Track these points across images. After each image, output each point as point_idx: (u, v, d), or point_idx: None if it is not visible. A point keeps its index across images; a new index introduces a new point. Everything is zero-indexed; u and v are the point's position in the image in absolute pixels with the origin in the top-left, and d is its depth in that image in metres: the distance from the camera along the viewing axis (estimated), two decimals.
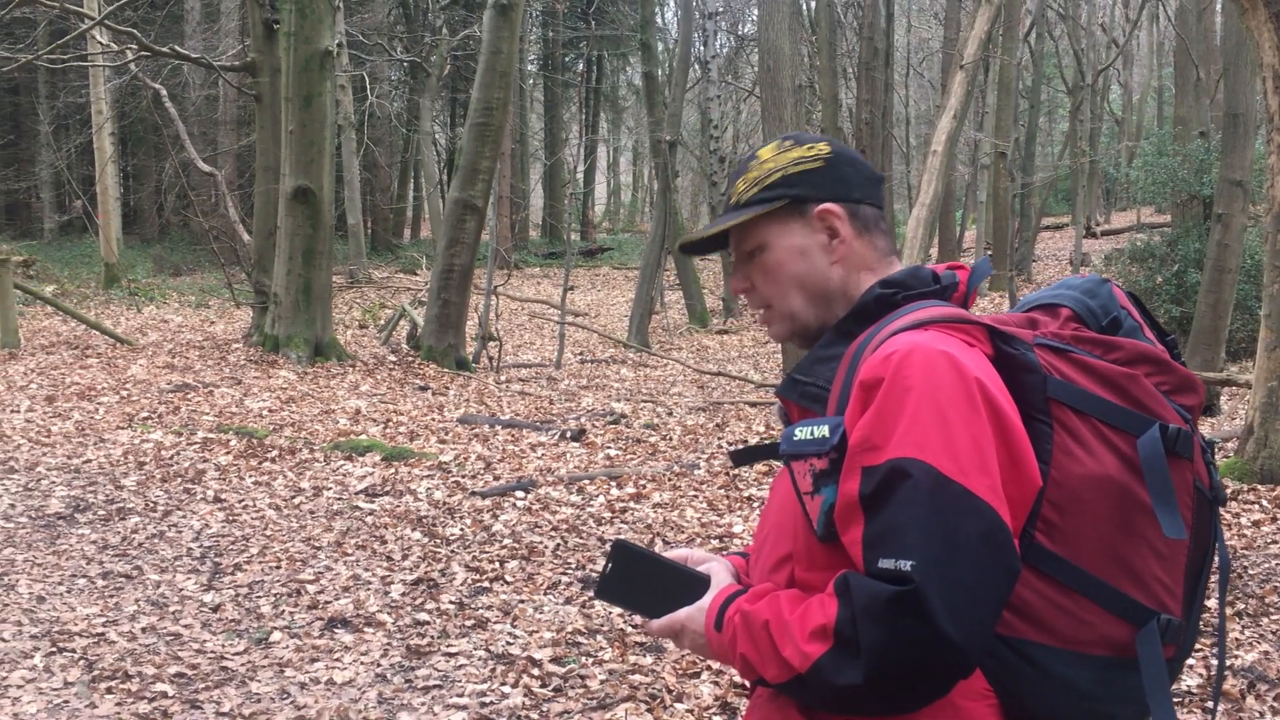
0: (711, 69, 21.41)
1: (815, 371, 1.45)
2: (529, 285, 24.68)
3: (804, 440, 1.35)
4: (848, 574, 1.28)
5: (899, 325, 1.37)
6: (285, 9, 11.64)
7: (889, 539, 1.25)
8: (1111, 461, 1.35)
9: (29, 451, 7.53)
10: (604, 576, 1.51)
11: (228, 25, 24.99)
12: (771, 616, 1.32)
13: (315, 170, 11.60)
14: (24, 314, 15.03)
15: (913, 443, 1.26)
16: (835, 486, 1.32)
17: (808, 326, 1.52)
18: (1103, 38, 27.25)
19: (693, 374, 13.69)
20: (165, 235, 28.57)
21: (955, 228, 25.54)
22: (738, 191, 1.53)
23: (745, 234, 1.53)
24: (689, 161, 29.06)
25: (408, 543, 5.63)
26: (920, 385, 1.28)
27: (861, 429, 1.30)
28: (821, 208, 1.50)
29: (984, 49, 11.36)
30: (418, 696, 3.88)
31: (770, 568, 1.44)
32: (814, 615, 1.28)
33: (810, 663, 1.26)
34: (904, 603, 1.21)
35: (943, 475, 1.24)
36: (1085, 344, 1.43)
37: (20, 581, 5.03)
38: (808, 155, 1.52)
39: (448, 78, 28.50)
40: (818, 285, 1.50)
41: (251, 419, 8.65)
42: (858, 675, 1.23)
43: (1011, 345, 1.38)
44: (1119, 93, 34.10)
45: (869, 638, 1.22)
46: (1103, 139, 29.60)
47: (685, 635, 1.45)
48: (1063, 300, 1.52)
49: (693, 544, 5.56)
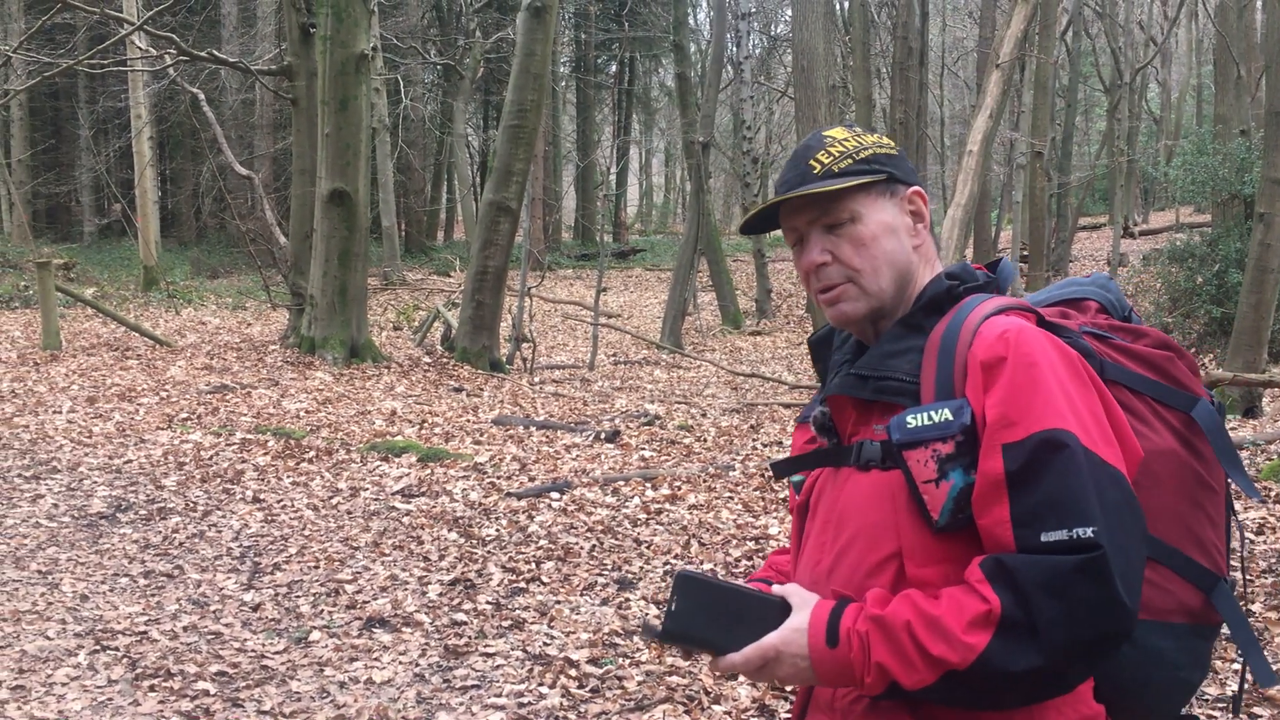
0: (744, 70, 21.38)
1: (889, 365, 1.41)
2: (562, 287, 24.73)
3: (923, 426, 1.31)
4: (998, 557, 1.25)
5: (985, 311, 1.38)
6: (321, 13, 11.73)
7: (1057, 509, 1.23)
8: (1169, 437, 1.42)
9: (71, 452, 7.63)
10: (670, 614, 1.38)
11: (264, 30, 25.22)
12: (913, 616, 1.27)
13: (351, 173, 11.68)
14: (65, 316, 15.23)
15: (1054, 414, 1.27)
16: (963, 470, 1.29)
17: (883, 308, 1.47)
18: (1141, 35, 26.97)
19: (726, 375, 13.66)
20: (203, 238, 28.88)
21: (990, 228, 25.34)
22: (824, 163, 1.47)
23: (835, 204, 1.47)
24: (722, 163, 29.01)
25: (444, 543, 5.66)
26: (1043, 361, 1.31)
27: (994, 407, 1.29)
28: (914, 189, 1.51)
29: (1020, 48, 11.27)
30: (456, 696, 3.90)
31: (865, 574, 1.37)
32: (968, 605, 1.24)
33: (975, 654, 1.22)
34: (1089, 570, 1.20)
35: (1084, 445, 1.26)
36: (1120, 332, 1.51)
37: (64, 580, 5.09)
38: (884, 143, 1.52)
39: (481, 80, 28.61)
40: (904, 265, 1.48)
41: (289, 420, 8.73)
42: (1037, 657, 1.21)
43: (1061, 333, 1.41)
44: (1157, 91, 33.72)
45: (1048, 614, 1.20)
46: (1141, 138, 29.27)
47: (781, 662, 1.34)
48: (1086, 294, 1.60)
49: (728, 546, 5.55)
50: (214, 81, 23.24)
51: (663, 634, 1.40)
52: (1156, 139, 29.71)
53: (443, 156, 34.13)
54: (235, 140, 24.08)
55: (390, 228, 24.61)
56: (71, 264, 21.86)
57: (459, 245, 31.46)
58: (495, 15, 28.21)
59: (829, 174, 1.46)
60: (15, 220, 25.22)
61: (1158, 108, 32.91)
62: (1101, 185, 30.11)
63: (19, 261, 21.52)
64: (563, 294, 22.90)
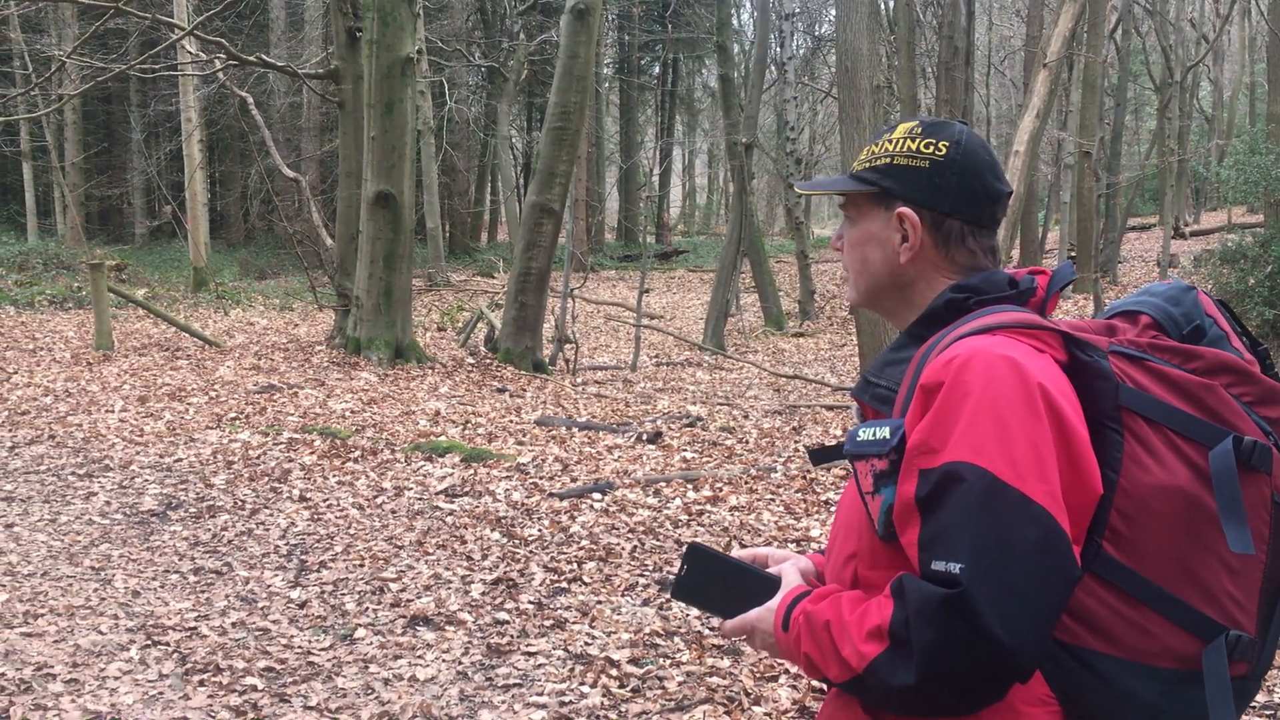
0: (788, 70, 21.34)
1: (886, 374, 1.47)
2: (605, 288, 24.79)
3: (866, 441, 1.38)
4: (904, 576, 1.30)
5: (966, 330, 1.38)
6: (368, 17, 11.85)
7: (941, 541, 1.26)
8: (1183, 472, 1.32)
9: (123, 450, 7.77)
10: (679, 578, 1.57)
11: (311, 34, 25.52)
12: (833, 617, 1.35)
13: (396, 175, 11.79)
14: (117, 317, 15.51)
15: (969, 447, 1.27)
16: (893, 488, 1.34)
17: (880, 306, 1.58)
18: (1192, 33, 26.57)
19: (769, 377, 13.64)
20: (251, 239, 29.28)
21: (1038, 229, 25.08)
22: (860, 159, 1.56)
23: (847, 200, 1.59)
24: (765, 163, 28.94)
25: (487, 543, 5.70)
26: (979, 390, 1.29)
27: (920, 432, 1.32)
28: (900, 210, 1.50)
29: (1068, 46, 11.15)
30: (498, 695, 3.93)
31: (839, 566, 1.48)
32: (871, 616, 1.31)
33: (866, 663, 1.29)
34: (951, 605, 1.22)
35: (998, 480, 1.25)
36: (1163, 352, 1.41)
37: (116, 576, 5.19)
38: (923, 151, 1.50)
39: (525, 82, 28.76)
40: (883, 274, 1.54)
41: (335, 420, 8.83)
42: (911, 676, 1.25)
43: (1085, 351, 1.37)
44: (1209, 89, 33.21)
45: (921, 639, 1.24)
46: (1192, 137, 28.84)
47: (756, 635, 1.49)
48: (1143, 307, 1.49)
49: (769, 547, 5.55)
50: (262, 85, 23.55)
51: (671, 593, 1.62)
52: (1208, 138, 29.26)
53: (487, 158, 34.34)
54: (283, 143, 24.39)
55: (435, 229, 24.81)
56: (123, 265, 22.26)
57: (502, 246, 31.66)
58: (539, 18, 28.34)
59: (852, 173, 1.57)
60: (69, 222, 25.72)
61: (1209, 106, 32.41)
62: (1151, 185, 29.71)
63: (72, 263, 21.94)
64: (605, 295, 22.95)
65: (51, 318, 16.75)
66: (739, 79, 22.41)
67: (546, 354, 13.22)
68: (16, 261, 22.01)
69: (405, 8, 11.84)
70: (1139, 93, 31.90)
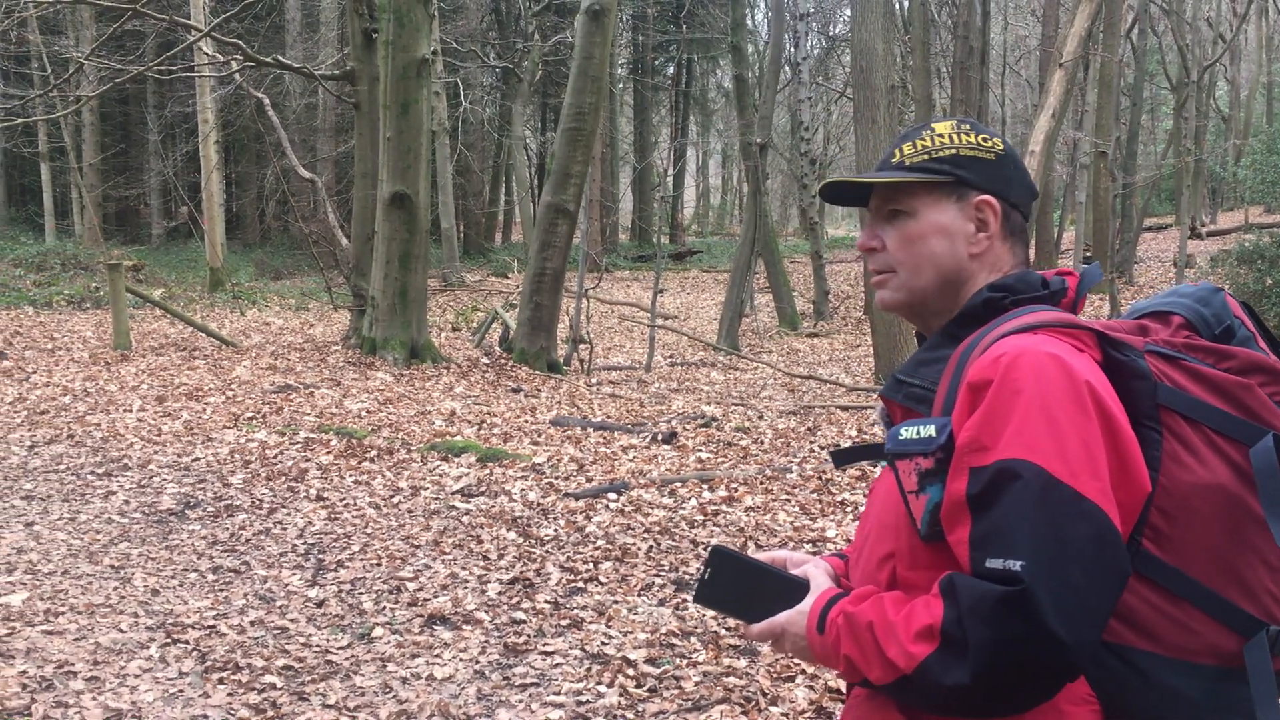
0: (803, 70, 21.32)
1: (921, 373, 1.46)
2: (619, 288, 24.80)
3: (909, 440, 1.37)
4: (953, 575, 1.29)
5: (1008, 328, 1.38)
6: (384, 18, 11.89)
7: (998, 539, 1.26)
8: (1223, 470, 1.34)
9: (141, 450, 7.82)
10: (702, 582, 1.53)
11: (327, 35, 25.62)
12: (876, 618, 1.34)
13: (412, 176, 11.83)
14: (134, 316, 15.60)
15: (1022, 444, 1.27)
16: (940, 486, 1.33)
17: (925, 306, 1.53)
18: (1209, 33, 26.44)
19: (783, 377, 13.63)
20: (267, 240, 29.41)
21: (1053, 229, 24.99)
22: (904, 154, 1.53)
23: (895, 195, 1.52)
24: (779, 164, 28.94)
25: (503, 543, 5.72)
26: (1030, 387, 1.29)
27: (970, 430, 1.31)
28: (981, 198, 1.50)
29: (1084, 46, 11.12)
30: (515, 694, 3.95)
31: (873, 566, 1.45)
32: (919, 616, 1.29)
33: (916, 663, 1.27)
34: (1012, 603, 1.22)
35: (1053, 477, 1.25)
36: (1197, 352, 1.42)
37: (136, 575, 5.23)
38: (983, 144, 1.53)
39: (539, 83, 28.82)
40: (951, 270, 1.50)
41: (351, 419, 8.87)
42: (965, 675, 1.24)
43: (1121, 351, 1.38)
44: (1226, 89, 33.03)
45: (977, 637, 1.23)
46: (1209, 137, 28.71)
47: (786, 638, 1.46)
48: (1175, 308, 1.51)
49: (785, 548, 5.55)
50: (278, 86, 23.66)
51: (694, 598, 1.56)
52: (1225, 138, 29.11)
53: (501, 159, 34.41)
54: (298, 144, 24.49)
55: (449, 230, 24.87)
56: (140, 266, 22.40)
57: (517, 247, 31.72)
58: (554, 18, 28.38)
59: (901, 166, 1.52)
60: (86, 223, 25.88)
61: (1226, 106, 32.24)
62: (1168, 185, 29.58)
63: (90, 263, 22.09)
64: (620, 295, 22.97)
65: (70, 318, 16.86)
66: (753, 79, 22.40)
67: (561, 354, 13.24)
68: (35, 262, 22.17)
69: (421, 9, 11.88)
70: (1155, 92, 31.75)
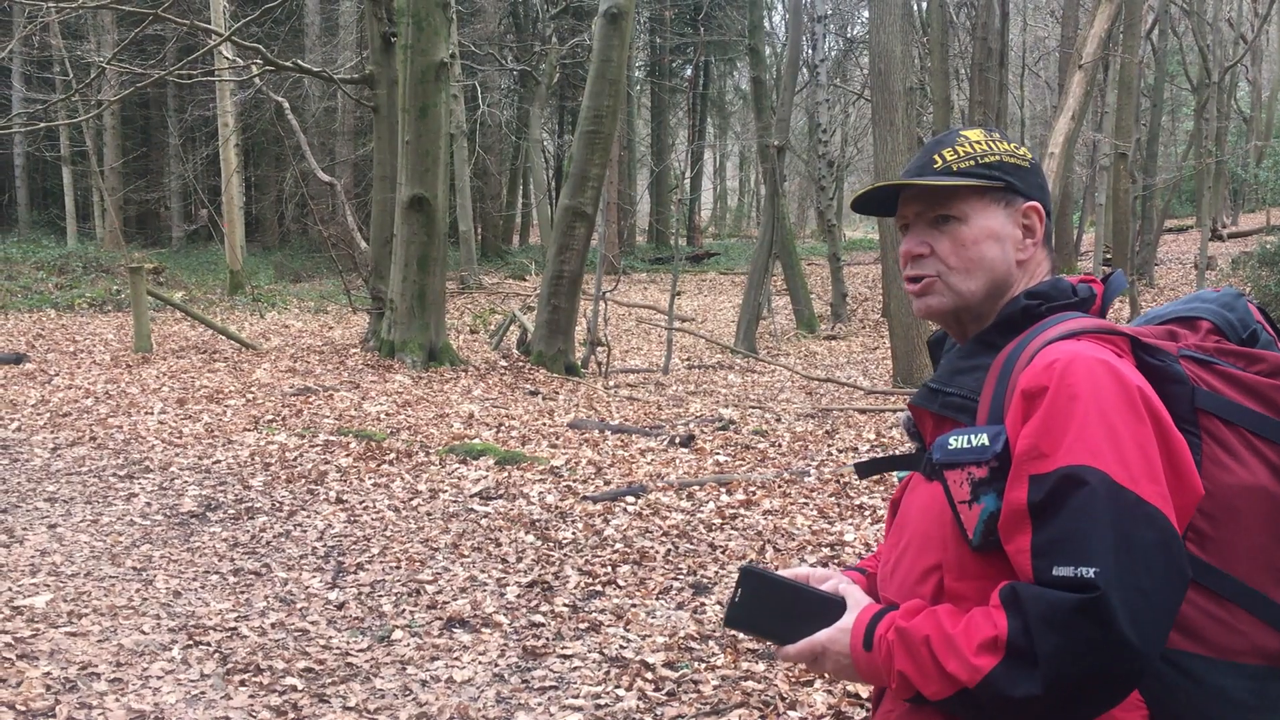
0: (820, 72, 21.28)
1: (957, 382, 1.45)
2: (636, 291, 24.81)
3: (960, 449, 1.35)
4: (1015, 585, 1.28)
5: (1053, 335, 1.38)
6: (403, 22, 11.94)
7: (1067, 546, 1.25)
8: (1263, 472, 1.36)
9: (162, 452, 7.87)
10: (733, 604, 1.50)
11: (347, 39, 25.72)
12: (932, 631, 1.32)
13: (430, 179, 11.87)
14: (155, 319, 15.71)
15: (1084, 450, 1.27)
16: (995, 495, 1.32)
17: (969, 311, 1.51)
18: (1230, 33, 26.27)
19: (801, 380, 13.61)
20: (286, 243, 29.54)
21: (1073, 230, 24.88)
22: (947, 160, 1.51)
23: (946, 200, 1.51)
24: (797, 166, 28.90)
25: (522, 545, 5.74)
26: (1086, 393, 1.29)
27: (1028, 437, 1.30)
28: (1030, 204, 1.51)
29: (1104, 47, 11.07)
30: (534, 697, 3.96)
31: (915, 579, 1.43)
32: (981, 628, 1.28)
33: (981, 676, 1.26)
34: (1088, 610, 1.21)
35: (1116, 483, 1.25)
36: (1229, 356, 1.44)
37: (158, 577, 5.27)
38: (1017, 152, 1.53)
39: (557, 86, 28.87)
40: (1002, 275, 1.50)
41: (370, 422, 8.90)
42: (1036, 686, 1.23)
43: (1156, 357, 1.40)
44: (1247, 90, 32.78)
45: (1048, 647, 1.22)
46: (1230, 138, 28.50)
47: (827, 658, 1.43)
48: (1201, 313, 1.53)
49: (804, 552, 5.55)
50: (298, 90, 23.76)
51: (726, 621, 1.52)
52: (1246, 139, 28.89)
53: (519, 162, 34.48)
54: (318, 147, 24.60)
55: (467, 232, 24.94)
56: (161, 269, 22.54)
57: (535, 249, 31.76)
58: (571, 21, 28.43)
59: (947, 171, 1.50)
60: (107, 226, 26.06)
61: (1248, 107, 32.01)
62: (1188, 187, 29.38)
63: (111, 266, 22.25)
64: (637, 298, 22.98)
65: (91, 320, 16.99)
66: (771, 81, 22.39)
67: (579, 357, 13.26)
68: (57, 265, 22.35)
69: (440, 13, 11.92)
70: (1176, 93, 31.56)
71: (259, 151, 30.29)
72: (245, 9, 21.80)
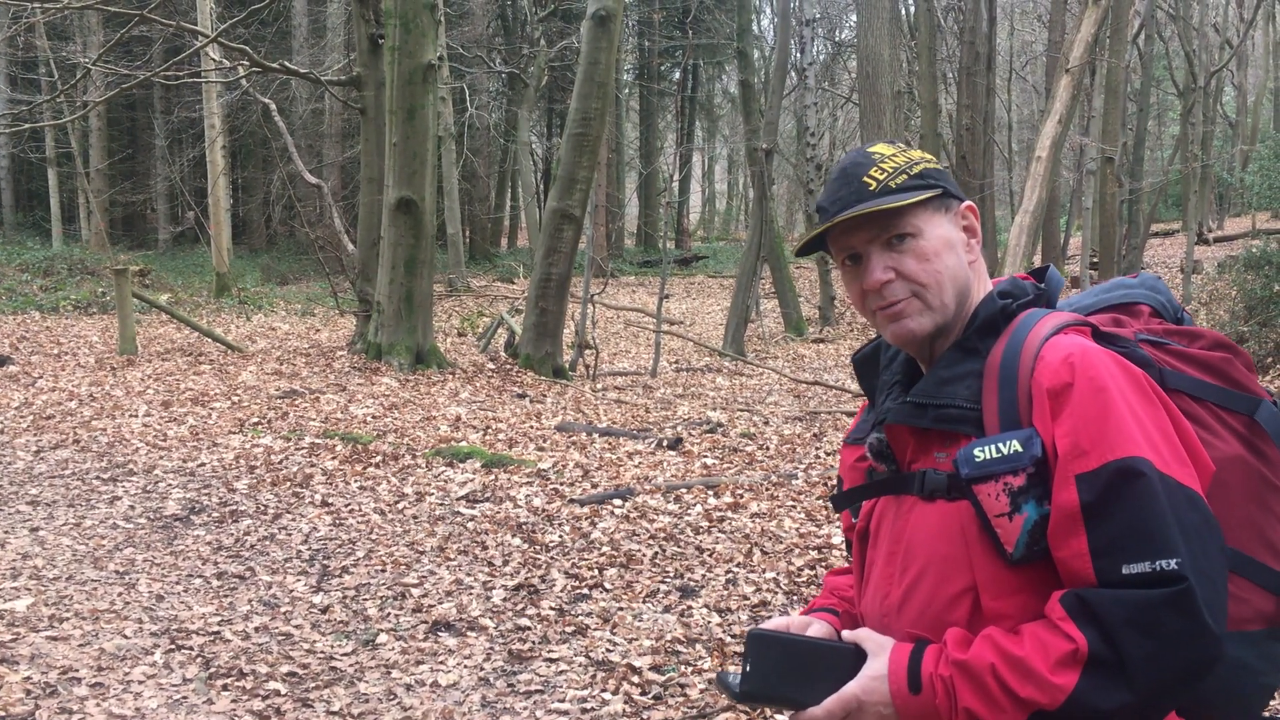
0: (808, 76, 21.28)
1: (948, 393, 1.39)
2: (625, 294, 24.80)
3: (992, 459, 1.29)
4: (1078, 592, 1.24)
5: (1045, 330, 1.36)
6: (390, 24, 11.91)
7: (1133, 542, 1.22)
8: (1235, 442, 1.39)
9: (147, 455, 7.82)
10: (745, 676, 1.38)
11: (334, 41, 25.66)
12: (996, 658, 1.25)
13: (418, 182, 11.84)
14: (141, 322, 15.63)
15: (1127, 441, 1.24)
16: (1036, 503, 1.27)
17: (946, 324, 1.44)
18: (1215, 38, 26.40)
19: (789, 383, 13.61)
20: (273, 245, 29.46)
21: (1060, 234, 24.96)
22: (879, 179, 1.43)
23: (896, 219, 1.43)
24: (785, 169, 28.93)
25: (508, 548, 5.71)
26: (1109, 384, 1.28)
27: (1065, 436, 1.27)
28: (966, 204, 1.49)
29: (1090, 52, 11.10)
30: (520, 701, 3.93)
31: (942, 607, 1.35)
32: (1053, 644, 1.22)
33: (1065, 695, 1.21)
34: (1177, 603, 1.18)
35: (1159, 470, 1.24)
36: (1174, 336, 1.47)
37: (140, 580, 5.22)
38: (928, 157, 1.50)
39: (545, 88, 28.84)
40: (964, 281, 1.45)
41: (356, 425, 8.86)
42: (1128, 693, 1.19)
43: (1118, 344, 1.40)
44: (1233, 95, 32.94)
45: (1139, 651, 1.18)
46: (1216, 142, 28.64)
47: (865, 713, 1.33)
48: (1135, 298, 1.56)
49: (791, 555, 5.54)
50: (285, 92, 23.70)
51: (741, 695, 1.39)
52: (1232, 143, 29.04)
53: (507, 164, 34.45)
54: (305, 149, 24.53)
55: (455, 235, 24.89)
56: (147, 271, 22.43)
57: (523, 252, 31.72)
58: (560, 24, 28.41)
59: (886, 190, 1.42)
60: (93, 228, 25.94)
61: (1233, 111, 32.16)
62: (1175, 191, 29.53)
63: (96, 268, 22.13)
64: (625, 301, 22.97)
65: (76, 322, 16.89)
66: (759, 84, 22.41)
67: (567, 359, 13.24)
68: (42, 267, 22.22)
69: (427, 15, 11.89)
70: (1162, 98, 31.70)
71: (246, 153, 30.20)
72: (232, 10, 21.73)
